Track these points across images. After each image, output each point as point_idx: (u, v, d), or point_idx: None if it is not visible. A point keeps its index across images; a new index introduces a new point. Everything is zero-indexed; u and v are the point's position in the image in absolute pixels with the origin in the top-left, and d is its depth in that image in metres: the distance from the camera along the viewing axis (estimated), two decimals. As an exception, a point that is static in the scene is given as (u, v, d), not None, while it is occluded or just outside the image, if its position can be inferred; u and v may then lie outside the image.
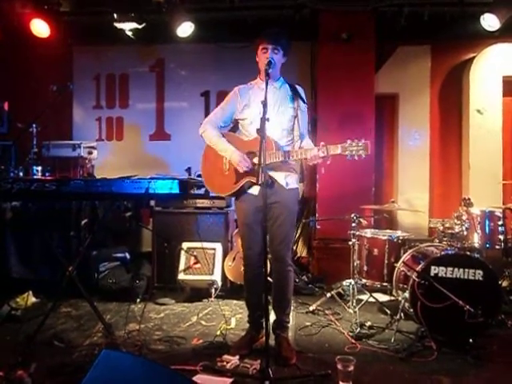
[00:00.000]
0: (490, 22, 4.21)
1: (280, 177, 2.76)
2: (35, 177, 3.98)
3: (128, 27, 4.51)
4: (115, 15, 4.42)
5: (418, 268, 3.03)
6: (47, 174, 4.16)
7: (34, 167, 4.05)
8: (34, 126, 4.16)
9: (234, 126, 2.93)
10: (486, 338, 2.93)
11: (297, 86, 2.87)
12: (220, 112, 2.90)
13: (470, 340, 2.83)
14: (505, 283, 3.75)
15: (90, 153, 4.56)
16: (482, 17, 4.23)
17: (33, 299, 3.46)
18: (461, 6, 4.41)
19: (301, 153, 2.65)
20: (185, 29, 4.49)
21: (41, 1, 4.47)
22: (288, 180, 2.79)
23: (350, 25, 4.51)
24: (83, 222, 4.01)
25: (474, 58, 4.83)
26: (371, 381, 2.45)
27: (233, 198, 3.13)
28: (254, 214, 2.71)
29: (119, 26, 4.49)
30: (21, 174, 4.03)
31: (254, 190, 2.73)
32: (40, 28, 4.51)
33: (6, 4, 4.47)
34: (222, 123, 2.88)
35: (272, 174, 2.71)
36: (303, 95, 2.86)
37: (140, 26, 4.49)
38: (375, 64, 4.68)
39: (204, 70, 5.17)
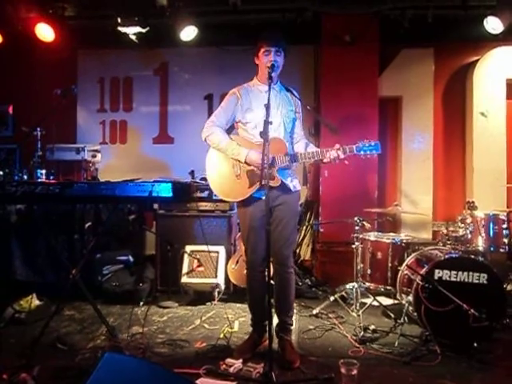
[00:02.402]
0: (493, 24, 4.21)
1: (287, 180, 2.78)
2: (39, 180, 4.00)
3: (132, 31, 4.53)
4: (119, 19, 4.44)
5: (422, 271, 3.01)
6: (51, 178, 4.18)
7: (38, 170, 4.07)
8: (38, 129, 4.19)
9: (230, 128, 2.88)
10: (490, 342, 2.91)
11: (290, 88, 2.87)
12: (223, 114, 2.83)
13: (475, 344, 2.81)
14: (509, 287, 3.73)
15: (94, 156, 4.58)
16: (485, 20, 4.23)
17: (36, 302, 3.47)
18: (464, 8, 4.41)
19: (318, 153, 2.70)
20: (188, 32, 4.51)
21: (46, 5, 4.51)
22: (294, 183, 2.81)
23: (353, 27, 4.52)
24: (87, 225, 4.02)
25: (477, 60, 4.83)
26: (375, 385, 2.44)
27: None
28: (260, 218, 2.65)
29: (123, 29, 4.51)
30: (25, 177, 4.05)
31: (261, 194, 2.69)
32: (45, 32, 4.54)
33: (11, 8, 4.51)
34: (226, 125, 2.83)
35: (280, 177, 2.71)
36: (297, 95, 2.87)
37: (144, 30, 4.52)
38: (378, 67, 4.68)
39: (207, 73, 5.18)
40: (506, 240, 3.51)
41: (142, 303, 3.79)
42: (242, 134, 2.83)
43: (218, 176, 2.82)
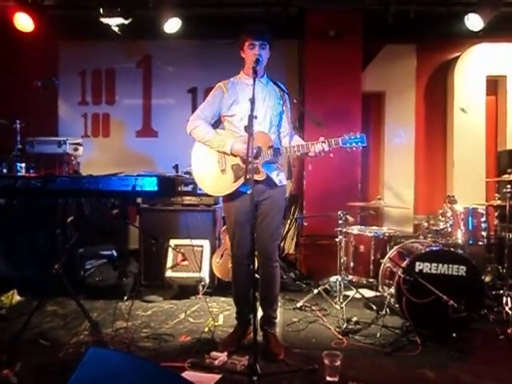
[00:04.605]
0: (473, 21, 4.28)
1: (273, 174, 2.77)
2: (19, 174, 3.92)
3: (114, 22, 4.45)
4: (101, 10, 4.36)
5: (404, 264, 3.07)
6: (31, 171, 4.10)
7: (18, 164, 3.99)
8: (18, 122, 4.10)
9: (217, 123, 2.87)
10: (469, 331, 2.99)
11: (278, 82, 2.87)
12: (208, 108, 2.81)
13: (454, 334, 2.89)
14: (487, 278, 3.84)
15: (76, 149, 4.50)
16: (466, 17, 4.30)
17: (17, 298, 3.42)
18: (446, 5, 4.47)
19: (303, 147, 2.69)
20: (172, 25, 4.47)
21: (24, -6, 4.40)
22: (280, 177, 2.81)
23: (337, 22, 4.53)
24: (69, 220, 3.97)
25: (458, 57, 4.91)
26: (357, 375, 2.48)
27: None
28: (246, 213, 2.64)
29: (105, 21, 4.43)
30: (4, 170, 3.96)
31: (247, 188, 2.62)
32: (24, 22, 4.43)
33: (-12, -3, 4.39)
34: (211, 119, 2.81)
35: (265, 170, 2.71)
36: (285, 89, 2.87)
37: (126, 22, 4.44)
38: (362, 62, 4.72)
39: (191, 66, 5.14)
40: (484, 233, 3.60)
41: (125, 298, 3.76)
42: (228, 128, 2.82)
43: (203, 170, 2.81)
